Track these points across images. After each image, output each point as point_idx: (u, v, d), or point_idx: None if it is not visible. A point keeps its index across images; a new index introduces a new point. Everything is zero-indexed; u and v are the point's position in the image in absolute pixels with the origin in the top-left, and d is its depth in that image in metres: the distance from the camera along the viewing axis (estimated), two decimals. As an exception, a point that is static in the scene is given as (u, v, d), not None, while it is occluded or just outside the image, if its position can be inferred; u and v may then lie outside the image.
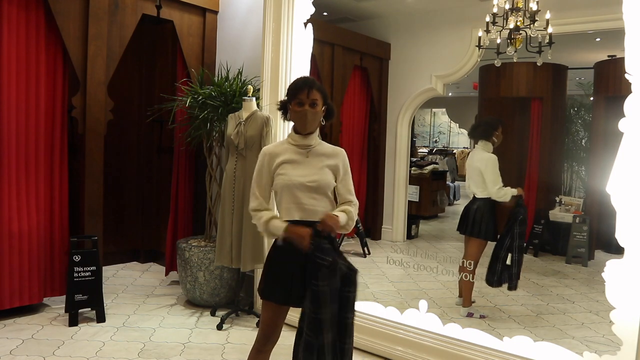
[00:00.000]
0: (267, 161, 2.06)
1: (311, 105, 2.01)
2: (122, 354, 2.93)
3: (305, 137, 2.06)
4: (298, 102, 2.01)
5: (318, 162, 2.06)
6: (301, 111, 2.00)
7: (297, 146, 2.06)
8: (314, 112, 2.01)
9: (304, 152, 2.06)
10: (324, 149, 2.11)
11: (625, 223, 2.25)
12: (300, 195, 1.99)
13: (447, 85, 4.62)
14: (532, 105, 5.61)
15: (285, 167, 2.03)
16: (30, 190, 3.36)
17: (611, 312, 2.30)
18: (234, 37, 4.34)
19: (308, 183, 2.00)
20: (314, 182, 2.00)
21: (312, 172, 2.02)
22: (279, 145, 2.12)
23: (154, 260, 4.93)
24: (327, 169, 2.06)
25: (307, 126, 2.03)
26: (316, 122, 2.04)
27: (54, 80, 3.45)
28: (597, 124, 5.21)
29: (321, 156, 2.07)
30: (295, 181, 1.99)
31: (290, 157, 2.05)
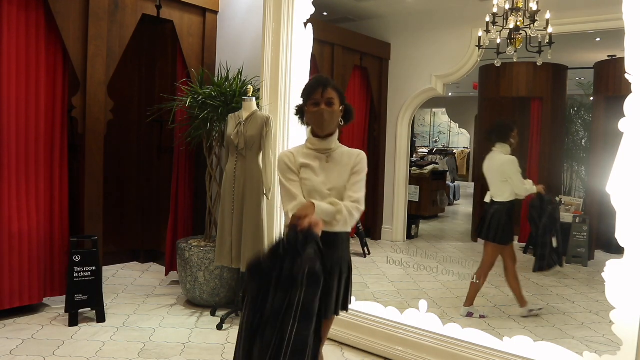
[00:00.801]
0: (290, 162, 1.97)
1: (327, 104, 1.93)
2: (122, 354, 2.93)
3: (324, 139, 1.98)
4: (313, 102, 1.94)
5: (338, 168, 1.98)
6: (317, 111, 1.93)
7: (316, 150, 1.99)
8: (331, 111, 1.94)
9: (324, 157, 1.99)
10: (344, 153, 2.02)
11: (625, 223, 2.25)
12: (319, 199, 1.93)
13: (447, 85, 4.62)
14: (532, 105, 5.61)
15: (306, 172, 1.96)
16: (30, 190, 3.36)
17: (611, 312, 2.30)
18: (234, 37, 4.34)
19: (328, 190, 1.94)
20: (333, 189, 1.94)
21: (331, 179, 1.96)
22: (297, 150, 2.03)
23: (154, 260, 4.93)
24: (347, 174, 1.98)
25: (325, 126, 1.95)
26: (334, 122, 1.96)
27: (54, 80, 3.45)
28: (597, 124, 5.21)
29: (341, 161, 1.99)
30: (316, 187, 1.93)
31: (310, 162, 1.97)
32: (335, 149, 2.00)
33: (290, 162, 1.96)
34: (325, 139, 1.98)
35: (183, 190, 4.31)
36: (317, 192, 1.93)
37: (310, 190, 1.94)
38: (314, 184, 1.93)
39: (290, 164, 1.96)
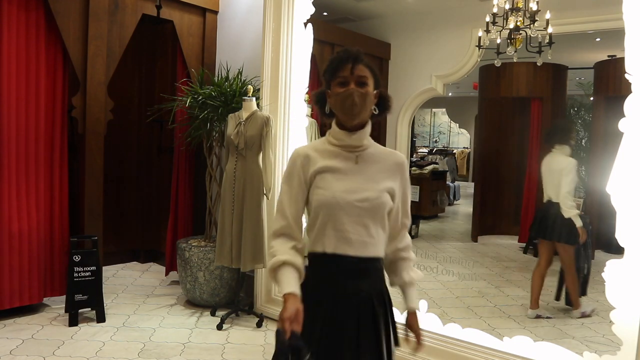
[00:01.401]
0: (301, 165, 1.50)
1: (359, 84, 1.46)
2: (122, 354, 2.93)
3: (354, 133, 1.48)
4: (340, 81, 1.47)
5: (372, 172, 1.50)
6: (345, 92, 1.44)
7: (342, 147, 1.50)
8: (363, 93, 1.45)
9: (352, 157, 1.50)
10: (379, 153, 1.54)
11: (625, 223, 2.25)
12: (345, 219, 1.44)
13: (447, 85, 4.62)
14: (532, 105, 5.61)
15: (325, 177, 1.47)
16: (30, 190, 3.36)
17: (611, 312, 2.30)
18: (234, 37, 4.34)
19: (358, 203, 1.44)
20: (366, 200, 1.45)
21: (364, 185, 1.47)
22: (317, 146, 1.54)
23: (154, 260, 4.93)
24: (384, 181, 1.49)
25: (355, 112, 1.45)
26: (367, 108, 1.47)
27: (54, 80, 3.45)
28: (597, 124, 5.21)
29: (376, 163, 1.51)
30: (341, 199, 1.44)
31: (333, 163, 1.49)
32: (367, 147, 1.52)
33: (303, 169, 1.50)
34: (355, 133, 1.49)
35: (183, 190, 4.31)
36: (341, 206, 1.44)
37: (323, 204, 1.45)
38: (334, 194, 1.44)
39: (299, 167, 1.51)
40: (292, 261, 1.42)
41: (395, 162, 1.54)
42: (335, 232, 1.44)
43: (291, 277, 1.40)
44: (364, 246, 1.45)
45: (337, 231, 1.44)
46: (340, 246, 1.44)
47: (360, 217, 1.44)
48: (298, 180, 1.51)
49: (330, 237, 1.45)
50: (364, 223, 1.45)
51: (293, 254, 1.45)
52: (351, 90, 1.44)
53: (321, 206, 1.46)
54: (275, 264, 1.42)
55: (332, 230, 1.45)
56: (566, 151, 3.59)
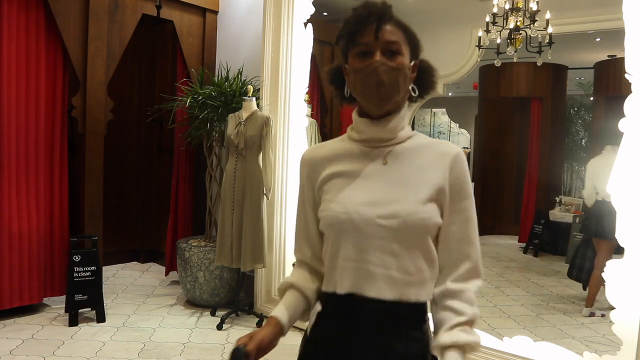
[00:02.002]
0: (307, 176, 1.13)
1: (387, 54, 1.00)
2: (122, 354, 2.93)
3: (382, 121, 1.04)
4: (360, 50, 1.01)
5: (408, 174, 1.03)
6: (367, 67, 0.99)
7: (366, 143, 1.07)
8: (394, 67, 0.99)
9: (379, 155, 1.06)
10: (421, 146, 1.07)
11: (625, 223, 2.25)
12: (364, 245, 1.00)
13: (447, 85, 4.61)
14: (532, 105, 5.61)
15: (335, 185, 1.07)
16: (30, 190, 3.36)
17: (611, 312, 2.30)
18: (234, 37, 4.34)
19: (383, 220, 0.99)
20: (395, 216, 0.99)
21: (393, 194, 1.02)
22: (331, 145, 1.14)
23: (154, 260, 4.93)
24: (425, 187, 1.02)
25: (383, 95, 1.00)
26: (400, 88, 1.01)
27: (54, 80, 3.45)
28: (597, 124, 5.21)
29: (414, 161, 1.05)
30: (356, 215, 1.01)
31: (348, 165, 1.07)
32: (402, 140, 1.06)
33: (310, 180, 1.12)
34: (383, 121, 1.04)
35: (183, 190, 4.31)
36: (356, 225, 1.01)
37: (338, 223, 1.03)
38: (347, 207, 1.02)
39: (305, 179, 1.14)
40: (301, 285, 1.13)
41: (443, 156, 1.04)
42: (350, 263, 1.01)
43: (288, 300, 1.11)
44: (395, 285, 0.99)
45: (352, 262, 1.01)
46: (357, 284, 1.01)
47: (388, 241, 0.99)
48: (308, 198, 1.13)
49: (343, 270, 1.02)
50: (393, 250, 0.99)
51: (307, 279, 1.14)
52: (376, 63, 0.98)
53: (329, 226, 1.05)
54: (282, 286, 1.16)
55: (344, 260, 1.02)
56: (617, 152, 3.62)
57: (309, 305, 1.13)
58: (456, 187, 1.04)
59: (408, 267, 1.00)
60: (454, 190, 1.04)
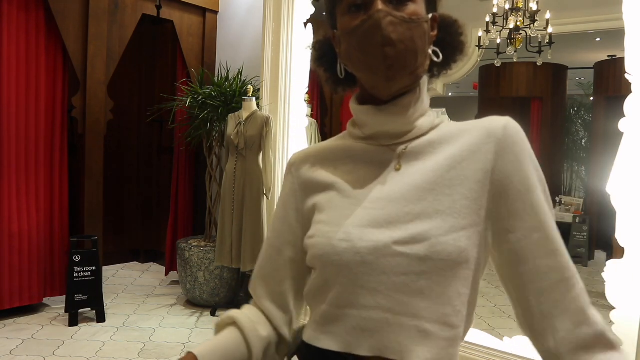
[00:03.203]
0: (293, 186, 0.82)
1: (391, 1, 0.69)
2: (122, 354, 2.93)
3: (391, 107, 0.73)
4: (353, 2, 0.70)
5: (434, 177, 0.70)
6: (366, 20, 0.68)
7: (370, 140, 0.77)
8: (405, 17, 0.68)
9: (390, 156, 0.75)
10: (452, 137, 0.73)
11: (625, 223, 2.25)
12: (375, 282, 0.68)
13: (447, 85, 4.62)
14: (532, 105, 5.61)
15: (330, 198, 0.76)
16: (30, 190, 3.36)
17: (611, 312, 2.30)
18: (234, 37, 4.34)
19: (400, 247, 0.67)
20: (420, 238, 0.67)
21: (411, 207, 0.69)
22: (327, 146, 0.84)
23: (154, 260, 4.93)
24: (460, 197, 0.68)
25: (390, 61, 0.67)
26: (418, 48, 0.69)
27: (54, 80, 3.45)
28: (597, 124, 5.21)
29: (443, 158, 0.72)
30: (360, 240, 0.69)
31: (348, 172, 0.77)
32: (424, 132, 0.75)
33: (292, 187, 0.82)
34: (394, 107, 0.73)
35: (183, 190, 4.32)
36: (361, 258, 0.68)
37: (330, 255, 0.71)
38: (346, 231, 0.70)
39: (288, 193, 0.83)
40: (245, 326, 0.80)
41: (485, 138, 0.70)
42: (356, 311, 0.69)
43: (220, 341, 0.82)
44: (430, 342, 0.66)
45: (358, 310, 0.69)
46: (369, 343, 0.68)
47: (412, 276, 0.67)
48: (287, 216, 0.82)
49: (346, 322, 0.70)
50: (421, 290, 0.67)
51: (257, 321, 0.81)
52: (377, 14, 0.67)
53: (321, 259, 0.72)
54: (221, 321, 0.85)
55: (347, 308, 0.70)
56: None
57: (248, 356, 0.79)
58: (512, 181, 0.68)
59: (447, 315, 0.66)
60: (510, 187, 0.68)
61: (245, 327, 0.79)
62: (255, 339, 0.79)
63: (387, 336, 0.67)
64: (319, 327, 0.73)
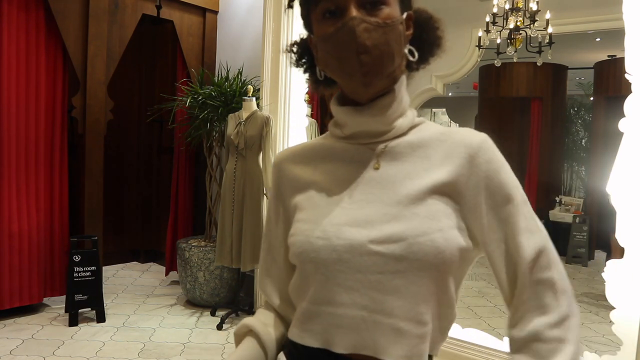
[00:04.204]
0: (278, 185, 0.86)
1: (365, 6, 0.70)
2: (122, 354, 2.93)
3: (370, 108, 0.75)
4: (326, 8, 0.72)
5: (410, 179, 0.74)
6: (340, 28, 0.69)
7: (349, 139, 0.79)
8: (379, 22, 0.69)
9: (369, 156, 0.78)
10: (430, 141, 0.77)
11: (625, 223, 2.25)
12: (351, 280, 0.71)
13: (447, 85, 4.61)
14: (532, 105, 5.62)
15: (311, 197, 0.79)
16: (30, 190, 3.36)
17: (611, 312, 2.30)
18: (234, 37, 4.34)
19: (376, 245, 0.69)
20: (396, 238, 0.69)
21: (388, 208, 0.72)
22: (308, 146, 0.87)
23: (154, 260, 4.93)
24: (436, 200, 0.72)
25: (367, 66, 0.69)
26: (393, 51, 0.71)
27: (54, 80, 3.45)
28: (597, 124, 5.21)
29: (420, 161, 0.75)
30: (336, 238, 0.72)
31: (328, 172, 0.79)
32: (403, 132, 0.78)
33: (278, 184, 0.86)
34: (373, 108, 0.75)
35: (183, 190, 4.32)
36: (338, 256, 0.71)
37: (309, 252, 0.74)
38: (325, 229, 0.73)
39: (275, 192, 0.87)
40: (259, 332, 0.83)
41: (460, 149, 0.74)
42: (332, 308, 0.71)
43: (241, 351, 0.82)
44: (403, 340, 0.69)
45: (335, 307, 0.71)
46: (345, 340, 0.71)
47: (388, 275, 0.69)
48: (276, 216, 0.86)
49: (323, 319, 0.73)
50: (396, 289, 0.69)
51: (269, 324, 0.85)
52: (351, 21, 0.68)
53: (300, 257, 0.75)
54: (239, 330, 0.86)
55: (324, 305, 0.72)
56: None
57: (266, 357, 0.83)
58: (488, 190, 0.72)
59: (420, 313, 0.69)
60: (486, 195, 0.71)
61: (260, 332, 0.83)
62: (269, 342, 0.83)
63: (362, 334, 0.70)
64: (300, 325, 0.76)
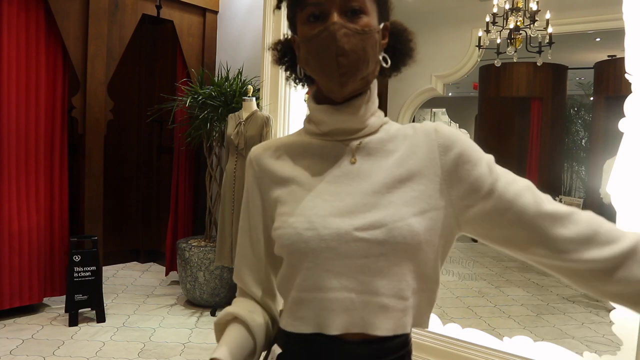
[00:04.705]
0: (255, 179, 0.88)
1: (347, 14, 0.77)
2: (122, 354, 2.93)
3: (346, 107, 0.82)
4: (311, 12, 0.78)
5: (385, 171, 0.80)
6: (323, 31, 0.76)
7: (327, 136, 0.84)
8: (358, 29, 0.76)
9: (345, 151, 0.83)
10: (397, 136, 0.84)
11: (625, 223, 2.25)
12: (339, 266, 0.76)
13: (447, 85, 4.62)
14: (532, 105, 5.62)
15: (292, 191, 0.83)
16: (30, 190, 3.36)
17: (611, 312, 2.30)
18: (234, 37, 4.34)
19: (361, 232, 0.76)
20: (378, 224, 0.76)
21: (369, 199, 0.78)
22: (285, 141, 0.89)
23: (154, 260, 4.93)
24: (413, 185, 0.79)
25: (344, 68, 0.76)
26: (369, 56, 0.78)
27: (54, 80, 3.45)
28: (597, 124, 5.21)
29: (392, 154, 0.82)
30: (323, 228, 0.77)
31: (307, 167, 0.84)
32: (375, 130, 0.84)
33: (256, 176, 0.88)
34: (346, 106, 0.82)
35: (183, 190, 4.32)
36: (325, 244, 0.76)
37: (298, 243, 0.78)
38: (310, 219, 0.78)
39: (252, 184, 0.89)
40: (246, 318, 0.85)
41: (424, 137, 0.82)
42: (323, 294, 0.76)
43: (232, 337, 0.83)
44: (389, 315, 0.76)
45: (325, 292, 0.76)
46: (337, 321, 0.76)
47: (372, 259, 0.75)
48: (254, 208, 0.88)
49: (315, 305, 0.77)
50: (380, 270, 0.76)
51: (252, 310, 0.88)
52: (332, 26, 0.75)
53: (289, 249, 0.79)
54: (221, 318, 0.87)
55: (315, 291, 0.77)
56: None
57: (254, 347, 0.86)
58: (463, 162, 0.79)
59: (402, 289, 0.77)
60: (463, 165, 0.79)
61: (246, 319, 0.86)
62: (257, 328, 0.86)
63: (352, 313, 0.76)
64: (291, 314, 0.81)
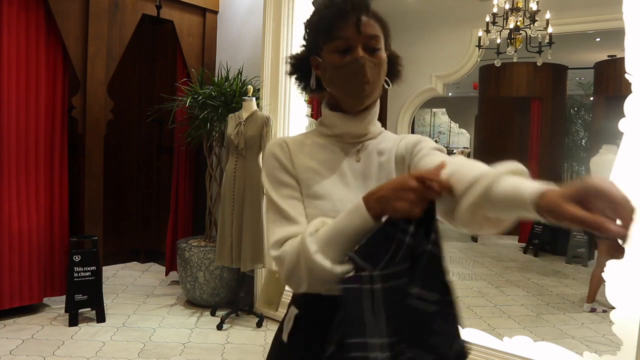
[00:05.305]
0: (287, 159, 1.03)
1: (369, 50, 0.98)
2: (122, 354, 2.93)
3: (358, 117, 1.04)
4: (340, 45, 0.97)
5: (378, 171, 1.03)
6: (353, 64, 0.97)
7: (336, 138, 1.06)
8: (378, 62, 0.99)
9: (352, 151, 1.05)
10: (386, 142, 1.07)
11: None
12: None
13: (447, 85, 4.62)
14: (532, 105, 5.62)
15: (313, 179, 1.01)
16: (30, 190, 3.36)
17: (611, 312, 2.30)
18: (234, 37, 4.34)
19: None
20: None
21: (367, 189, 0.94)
22: (300, 139, 1.08)
23: (154, 260, 4.93)
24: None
25: (367, 92, 0.99)
26: (380, 82, 1.03)
27: (54, 80, 3.45)
28: (597, 124, 5.21)
29: (380, 157, 1.05)
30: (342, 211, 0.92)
31: (322, 161, 1.03)
32: (374, 136, 1.07)
33: (288, 160, 1.03)
34: (359, 116, 1.04)
35: (183, 190, 4.32)
36: None
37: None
38: (335, 206, 0.97)
39: (284, 161, 1.03)
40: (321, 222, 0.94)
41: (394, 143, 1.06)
42: None
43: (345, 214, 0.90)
44: None
45: None
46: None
47: None
48: (290, 180, 1.01)
49: None
50: None
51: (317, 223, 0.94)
52: (361, 60, 0.96)
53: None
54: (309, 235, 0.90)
55: None
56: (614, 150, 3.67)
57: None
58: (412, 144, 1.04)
59: None
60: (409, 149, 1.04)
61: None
62: None
63: None
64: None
